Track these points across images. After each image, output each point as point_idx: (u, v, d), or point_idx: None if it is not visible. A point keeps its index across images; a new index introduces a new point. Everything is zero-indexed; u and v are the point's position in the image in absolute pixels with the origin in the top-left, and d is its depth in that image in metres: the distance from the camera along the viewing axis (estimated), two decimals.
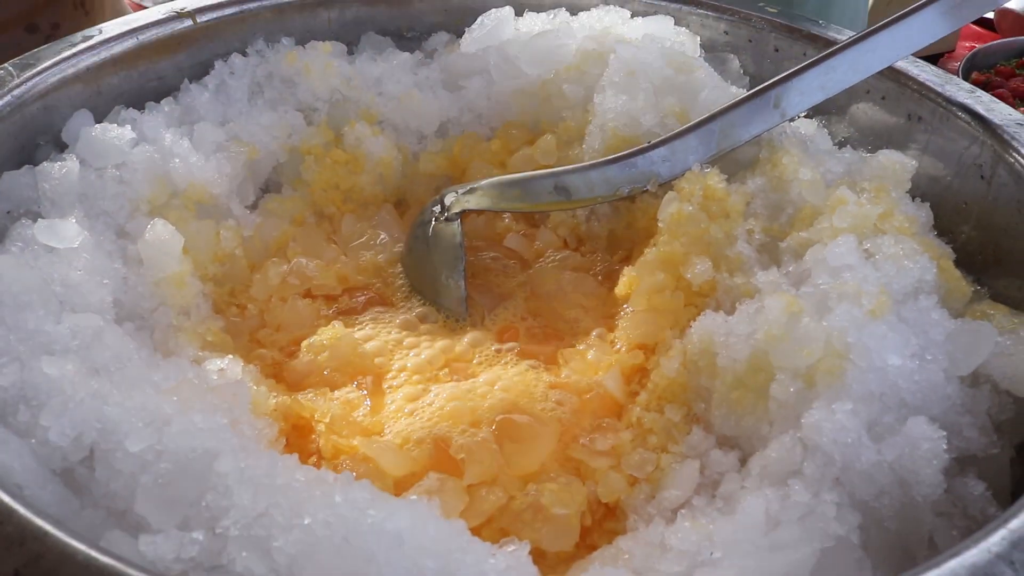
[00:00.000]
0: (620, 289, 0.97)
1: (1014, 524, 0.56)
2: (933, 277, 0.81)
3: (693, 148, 0.93)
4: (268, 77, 1.13)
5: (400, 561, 0.54)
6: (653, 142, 0.94)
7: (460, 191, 1.01)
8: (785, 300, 0.77)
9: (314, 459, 0.79)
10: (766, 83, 0.93)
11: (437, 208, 1.02)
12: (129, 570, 0.49)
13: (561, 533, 0.74)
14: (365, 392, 0.87)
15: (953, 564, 0.53)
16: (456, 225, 0.99)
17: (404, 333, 0.95)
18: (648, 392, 0.86)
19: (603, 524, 0.77)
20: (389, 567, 0.54)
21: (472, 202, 1.00)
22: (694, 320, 0.86)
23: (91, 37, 1.04)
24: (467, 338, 0.95)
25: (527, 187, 0.98)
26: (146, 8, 1.12)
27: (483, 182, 1.01)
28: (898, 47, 0.94)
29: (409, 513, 0.57)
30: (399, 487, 0.76)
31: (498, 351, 0.94)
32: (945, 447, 0.69)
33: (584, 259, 1.06)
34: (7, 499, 0.53)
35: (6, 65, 0.97)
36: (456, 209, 1.00)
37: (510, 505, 0.76)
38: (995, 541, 0.55)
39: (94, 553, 0.50)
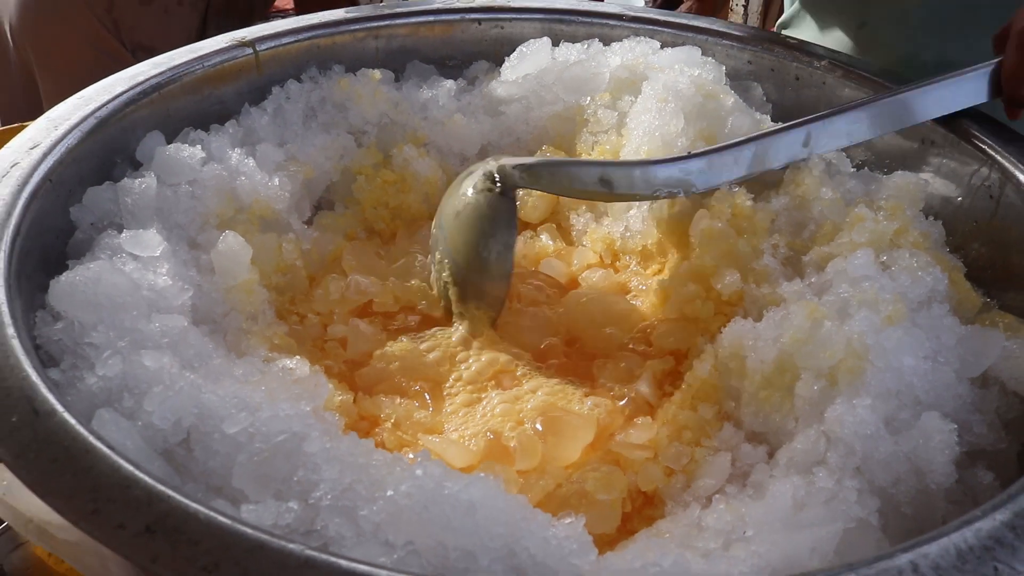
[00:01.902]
0: (653, 299, 1.04)
1: (1018, 497, 0.63)
2: (945, 288, 0.89)
3: (728, 166, 0.99)
4: (321, 102, 1.21)
5: (473, 527, 0.62)
6: (694, 152, 1.00)
7: (511, 164, 1.02)
8: (809, 307, 0.85)
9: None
10: (800, 120, 1.00)
11: (489, 179, 1.02)
12: (244, 528, 0.57)
13: (605, 517, 0.81)
14: (427, 397, 0.94)
15: (964, 531, 0.60)
16: (513, 201, 1.02)
17: (459, 348, 1.02)
18: (682, 392, 0.93)
19: (643, 511, 0.84)
20: (464, 532, 0.61)
21: (527, 181, 1.02)
22: (724, 327, 0.93)
23: (161, 64, 1.12)
24: (513, 351, 1.02)
25: (575, 173, 1.02)
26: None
27: (535, 160, 1.04)
28: (928, 109, 1.02)
29: (481, 486, 0.64)
30: None
31: (539, 368, 1.01)
32: (956, 440, 0.76)
33: (619, 275, 1.12)
34: (131, 468, 0.61)
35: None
36: (511, 184, 1.01)
37: (557, 491, 0.83)
38: (1001, 511, 0.62)
39: (212, 513, 0.57)
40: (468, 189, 1.04)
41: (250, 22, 1.93)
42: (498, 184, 1.01)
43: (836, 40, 1.38)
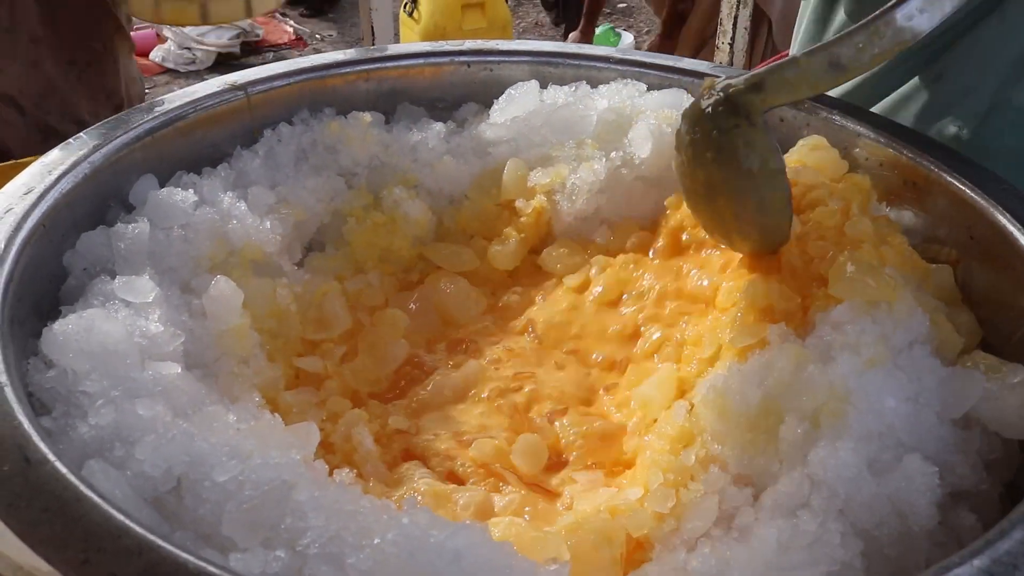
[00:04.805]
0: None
1: (996, 543, 0.65)
2: (926, 330, 0.90)
3: None
4: (312, 144, 1.23)
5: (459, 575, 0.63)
6: None
7: (735, 85, 0.90)
8: (792, 350, 0.86)
9: None
10: None
11: (728, 114, 0.90)
12: None
13: (603, 571, 0.81)
14: None
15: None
16: (766, 129, 0.90)
17: None
18: (659, 438, 0.93)
19: (633, 555, 0.85)
20: None
21: (768, 100, 0.89)
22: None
23: (154, 108, 1.14)
24: None
25: (803, 73, 0.89)
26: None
27: (763, 73, 0.90)
28: None
29: (466, 534, 0.65)
30: None
31: None
32: (938, 482, 0.77)
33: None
34: (122, 517, 0.61)
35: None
36: (762, 109, 0.90)
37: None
38: (980, 557, 0.63)
39: (202, 563, 0.58)
40: (699, 143, 0.93)
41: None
42: (742, 115, 0.90)
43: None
